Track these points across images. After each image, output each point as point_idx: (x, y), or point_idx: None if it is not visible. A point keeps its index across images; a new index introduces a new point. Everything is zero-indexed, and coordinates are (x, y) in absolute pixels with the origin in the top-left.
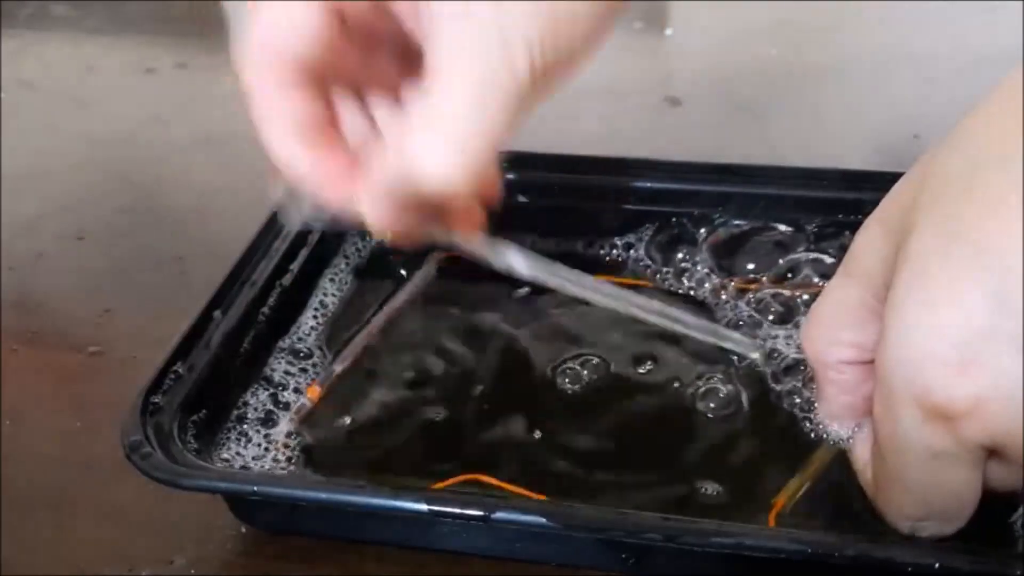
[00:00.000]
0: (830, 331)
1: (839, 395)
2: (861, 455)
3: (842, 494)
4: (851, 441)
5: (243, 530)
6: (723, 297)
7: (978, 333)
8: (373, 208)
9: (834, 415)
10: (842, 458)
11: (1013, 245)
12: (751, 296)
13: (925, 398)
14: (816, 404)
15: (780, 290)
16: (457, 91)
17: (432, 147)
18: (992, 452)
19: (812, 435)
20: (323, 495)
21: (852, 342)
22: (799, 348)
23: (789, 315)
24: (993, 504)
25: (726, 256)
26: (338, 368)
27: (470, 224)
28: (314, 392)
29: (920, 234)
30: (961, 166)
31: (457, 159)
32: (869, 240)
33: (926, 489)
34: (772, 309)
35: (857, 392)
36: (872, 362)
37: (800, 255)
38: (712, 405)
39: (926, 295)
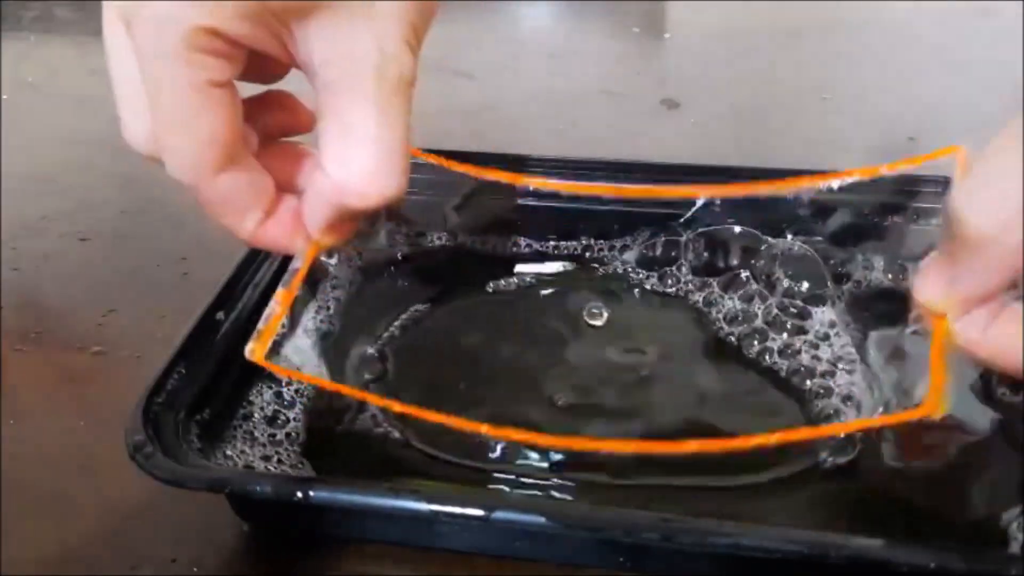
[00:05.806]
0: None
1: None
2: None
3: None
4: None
5: (245, 529)
6: (714, 298)
7: None
8: (315, 227)
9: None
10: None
11: None
12: (745, 297)
13: None
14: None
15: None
16: (363, 109)
17: (365, 165)
18: None
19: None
20: (325, 494)
21: None
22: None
23: (784, 315)
24: (989, 503)
25: (720, 258)
26: (297, 263)
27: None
28: (284, 297)
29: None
30: None
31: (390, 167)
32: None
33: None
34: (764, 310)
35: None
36: None
37: (794, 255)
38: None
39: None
